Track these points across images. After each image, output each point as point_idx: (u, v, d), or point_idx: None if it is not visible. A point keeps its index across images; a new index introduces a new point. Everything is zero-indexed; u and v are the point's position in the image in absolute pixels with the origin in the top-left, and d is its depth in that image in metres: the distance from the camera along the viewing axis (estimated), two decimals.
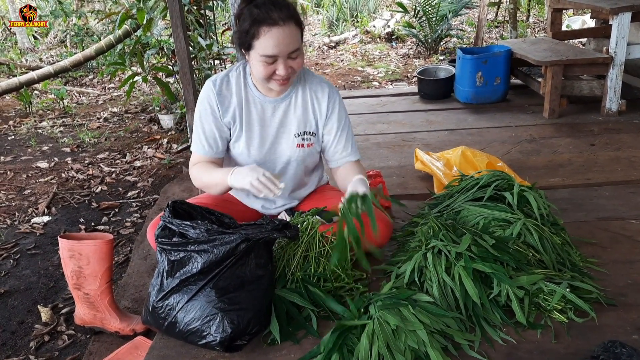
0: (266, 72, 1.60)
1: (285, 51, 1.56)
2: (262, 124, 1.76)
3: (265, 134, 1.77)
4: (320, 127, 1.80)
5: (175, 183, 3.39)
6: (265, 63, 1.58)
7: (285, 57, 1.58)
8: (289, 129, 1.78)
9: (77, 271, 1.93)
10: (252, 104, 1.75)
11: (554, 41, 4.04)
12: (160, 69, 4.19)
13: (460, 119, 3.64)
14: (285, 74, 1.60)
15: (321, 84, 1.80)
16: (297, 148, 1.78)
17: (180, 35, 2.57)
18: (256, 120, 1.75)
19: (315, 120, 1.79)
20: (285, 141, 1.79)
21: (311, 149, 1.81)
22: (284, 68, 1.59)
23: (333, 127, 1.80)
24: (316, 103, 1.78)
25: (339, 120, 1.80)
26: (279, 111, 1.76)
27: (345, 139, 1.81)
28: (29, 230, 2.97)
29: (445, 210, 1.95)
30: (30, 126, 4.82)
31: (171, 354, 1.41)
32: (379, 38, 7.75)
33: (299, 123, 1.77)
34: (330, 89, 1.80)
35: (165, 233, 1.45)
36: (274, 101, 1.75)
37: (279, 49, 1.55)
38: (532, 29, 7.53)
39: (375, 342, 1.30)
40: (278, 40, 1.53)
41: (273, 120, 1.77)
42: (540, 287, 1.50)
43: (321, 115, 1.79)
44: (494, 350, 1.36)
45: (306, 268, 1.60)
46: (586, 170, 2.64)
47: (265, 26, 1.53)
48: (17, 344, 2.11)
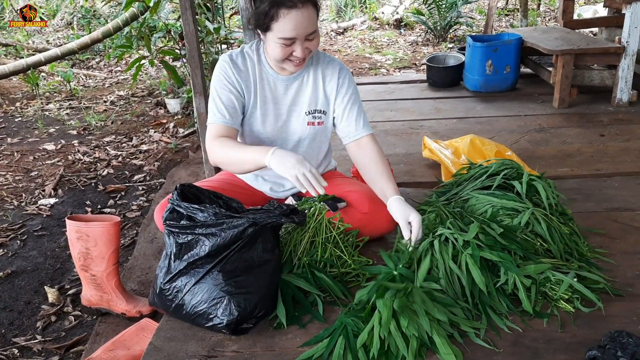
0: (283, 54, 1.60)
1: (304, 33, 1.56)
2: (275, 102, 1.77)
3: (278, 112, 1.78)
4: (330, 104, 1.80)
5: (181, 167, 3.39)
6: (283, 45, 1.57)
7: (302, 39, 1.58)
8: (300, 107, 1.78)
9: (84, 253, 1.94)
10: (266, 82, 1.75)
11: (565, 30, 3.99)
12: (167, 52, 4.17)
13: (469, 107, 3.61)
14: (302, 56, 1.60)
15: (332, 62, 1.80)
16: (307, 126, 1.79)
17: (189, 18, 2.54)
18: (269, 97, 1.76)
19: (326, 98, 1.79)
20: (296, 119, 1.79)
21: (322, 127, 1.82)
22: (301, 50, 1.59)
23: (343, 101, 1.79)
24: (327, 81, 1.78)
25: (349, 95, 1.80)
26: (291, 89, 1.77)
27: (356, 113, 1.80)
28: (36, 211, 2.98)
29: (453, 198, 1.94)
30: (37, 108, 4.82)
31: (178, 336, 1.42)
32: (387, 25, 7.68)
33: (310, 101, 1.78)
34: (340, 67, 1.80)
35: (173, 216, 1.46)
36: (287, 79, 1.75)
37: (297, 31, 1.54)
38: (543, 18, 7.44)
39: (381, 328, 1.30)
40: (297, 22, 1.53)
41: (285, 98, 1.77)
42: (548, 276, 1.49)
43: (332, 92, 1.79)
44: (500, 338, 1.36)
45: (313, 253, 1.60)
46: (595, 161, 2.62)
47: (285, 8, 1.51)
48: (24, 324, 2.13)
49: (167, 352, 1.36)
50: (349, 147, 1.83)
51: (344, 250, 1.63)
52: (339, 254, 1.62)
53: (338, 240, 1.63)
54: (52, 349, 1.99)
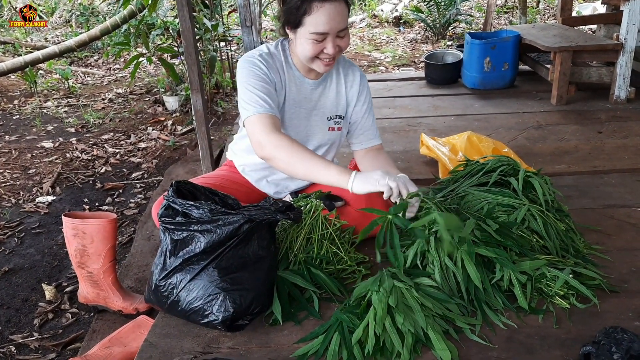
0: (314, 51, 1.57)
1: (336, 28, 1.54)
2: (299, 105, 1.75)
3: (302, 115, 1.76)
4: (349, 111, 1.80)
5: (179, 165, 3.39)
6: (315, 41, 1.55)
7: (334, 35, 1.55)
8: (322, 112, 1.77)
9: (80, 250, 1.94)
10: (293, 84, 1.72)
11: (563, 27, 3.99)
12: (165, 49, 4.17)
13: (467, 104, 3.61)
14: (333, 53, 1.57)
15: (352, 67, 1.80)
16: (328, 131, 1.79)
17: (186, 15, 2.54)
18: (296, 100, 1.74)
19: (346, 104, 1.79)
20: (318, 124, 1.78)
21: (340, 132, 1.82)
22: (332, 47, 1.56)
23: (362, 109, 1.80)
24: (349, 87, 1.78)
25: (367, 103, 1.81)
26: (316, 93, 1.75)
27: (371, 122, 1.82)
28: (34, 209, 2.98)
29: (449, 195, 1.94)
30: (35, 106, 4.82)
31: (173, 333, 1.42)
32: (386, 22, 7.67)
33: (332, 106, 1.77)
34: (360, 73, 1.81)
35: (169, 212, 1.45)
36: (313, 83, 1.74)
37: (330, 25, 1.52)
38: (542, 15, 7.44)
39: (376, 324, 1.30)
40: (330, 16, 1.51)
41: (309, 102, 1.75)
42: (543, 272, 1.49)
43: (352, 99, 1.79)
44: (495, 334, 1.36)
45: (309, 250, 1.60)
46: (593, 158, 2.62)
47: (318, 2, 1.50)
48: (21, 321, 2.13)
49: (162, 349, 1.36)
50: (359, 152, 1.85)
51: (340, 247, 1.63)
52: (335, 250, 1.62)
53: (334, 237, 1.63)
54: (49, 346, 1.99)
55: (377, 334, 1.29)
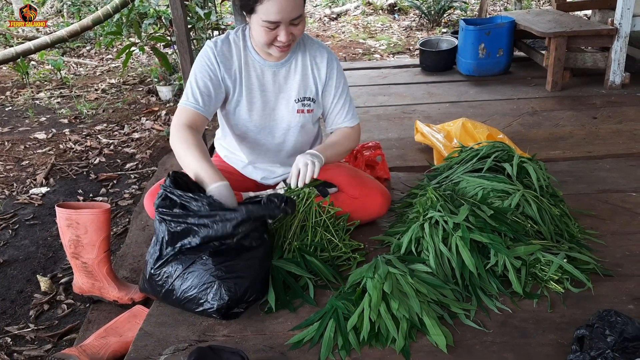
0: (267, 38, 1.57)
1: (288, 18, 1.53)
2: (262, 89, 1.74)
3: (265, 100, 1.75)
4: (319, 92, 1.79)
5: (173, 155, 3.36)
6: (267, 29, 1.55)
7: (287, 24, 1.55)
8: (288, 95, 1.76)
9: (74, 240, 1.93)
10: (252, 68, 1.72)
11: (558, 12, 3.97)
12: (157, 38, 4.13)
13: (462, 91, 3.60)
14: (287, 41, 1.57)
15: (320, 49, 1.78)
16: (297, 114, 1.77)
17: (177, 3, 2.51)
18: (256, 84, 1.73)
19: (315, 86, 1.78)
20: (285, 107, 1.77)
21: (311, 114, 1.80)
22: (285, 34, 1.56)
23: (331, 92, 1.79)
24: (315, 68, 1.76)
25: (337, 86, 1.79)
26: (279, 76, 1.74)
27: (342, 104, 1.81)
28: (28, 201, 2.96)
29: (444, 181, 1.94)
30: (28, 97, 4.77)
31: (168, 321, 1.42)
32: (381, 10, 7.63)
33: (299, 88, 1.75)
34: (328, 54, 1.78)
35: (166, 203, 1.44)
36: (274, 66, 1.73)
37: (281, 15, 1.51)
38: (537, 2, 7.40)
39: (371, 310, 1.30)
40: (281, 6, 1.50)
41: (273, 85, 1.74)
42: (538, 257, 1.49)
43: (320, 80, 1.77)
44: (490, 319, 1.37)
45: (303, 238, 1.60)
46: (587, 143, 2.62)
47: None
48: (16, 313, 2.13)
49: (157, 337, 1.36)
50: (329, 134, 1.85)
51: (335, 234, 1.63)
52: (329, 237, 1.62)
53: (328, 224, 1.63)
54: (45, 337, 1.98)
55: (372, 320, 1.29)
